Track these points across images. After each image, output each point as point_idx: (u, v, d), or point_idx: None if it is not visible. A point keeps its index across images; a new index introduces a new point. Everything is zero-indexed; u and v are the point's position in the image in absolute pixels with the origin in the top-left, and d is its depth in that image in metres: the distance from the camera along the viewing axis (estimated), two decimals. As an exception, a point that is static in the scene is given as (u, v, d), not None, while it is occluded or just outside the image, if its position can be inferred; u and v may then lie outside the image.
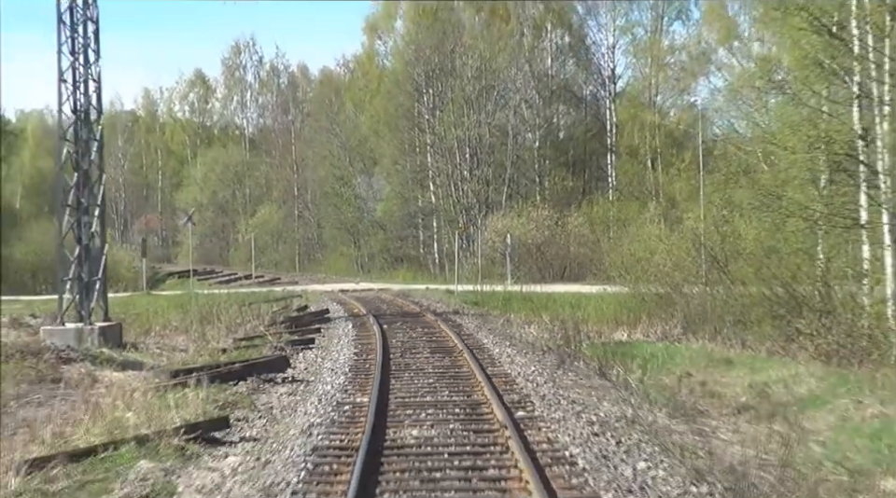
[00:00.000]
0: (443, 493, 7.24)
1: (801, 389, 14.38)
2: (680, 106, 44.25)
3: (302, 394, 12.27)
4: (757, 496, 7.23)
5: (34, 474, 8.17)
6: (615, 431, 9.57)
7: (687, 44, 47.89)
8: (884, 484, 9.11)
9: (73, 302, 21.43)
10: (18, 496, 7.68)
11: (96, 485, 7.84)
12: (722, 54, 39.72)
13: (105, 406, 10.58)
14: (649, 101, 48.57)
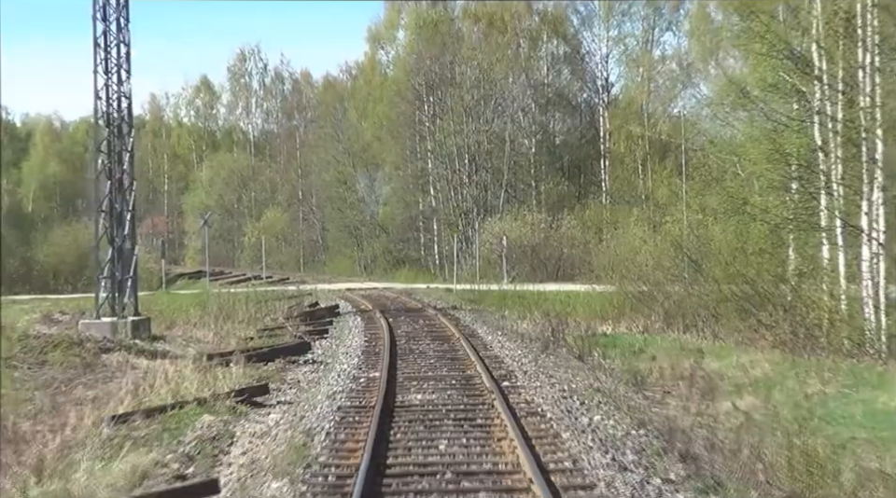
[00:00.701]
0: (442, 435, 9.50)
1: (756, 372, 16.57)
2: (670, 115, 46.43)
3: (323, 371, 14.56)
4: (679, 435, 9.46)
5: (119, 426, 10.42)
6: (581, 396, 11.83)
7: (675, 55, 50.18)
8: (804, 440, 11.34)
9: (107, 298, 23.66)
10: (110, 440, 9.92)
11: (172, 431, 10.10)
12: (705, 66, 41.93)
13: (165, 378, 12.84)
14: (640, 109, 50.74)
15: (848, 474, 8.02)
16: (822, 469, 7.95)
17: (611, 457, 8.46)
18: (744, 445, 9.15)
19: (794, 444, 8.81)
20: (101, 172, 24.13)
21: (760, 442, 9.21)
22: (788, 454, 8.29)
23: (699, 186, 28.12)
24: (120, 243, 23.95)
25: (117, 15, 23.71)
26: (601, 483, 7.56)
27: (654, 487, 7.56)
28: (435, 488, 7.50)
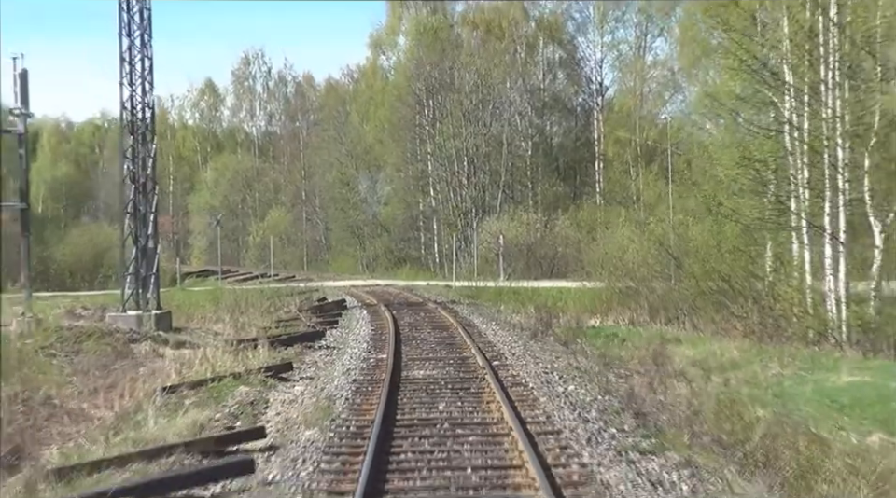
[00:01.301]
0: (441, 399, 11.49)
1: (725, 358, 18.51)
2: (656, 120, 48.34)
3: (337, 354, 16.56)
4: (637, 400, 11.44)
5: (170, 395, 12.40)
6: (560, 372, 13.84)
7: (667, 61, 52.14)
8: (751, 412, 13.27)
9: (132, 294, 25.61)
10: (165, 405, 11.90)
11: (216, 398, 12.09)
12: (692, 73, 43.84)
13: (203, 358, 14.84)
14: (630, 114, 52.72)
15: (762, 425, 10.01)
16: (742, 421, 9.94)
17: (577, 414, 10.46)
18: (688, 408, 11.13)
19: (725, 405, 10.80)
20: (126, 177, 26.10)
21: (701, 407, 11.19)
22: (717, 410, 10.27)
23: (681, 189, 30.14)
24: (144, 243, 25.93)
25: (141, 32, 25.67)
26: (566, 430, 9.56)
27: (609, 434, 9.55)
28: (435, 434, 9.49)
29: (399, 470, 8.02)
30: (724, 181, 24.27)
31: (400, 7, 62.95)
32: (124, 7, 25.38)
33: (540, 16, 60.14)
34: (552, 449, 8.74)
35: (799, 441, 10.03)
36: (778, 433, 10.16)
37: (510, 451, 8.63)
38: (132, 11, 25.48)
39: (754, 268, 23.23)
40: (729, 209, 23.12)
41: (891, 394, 13.61)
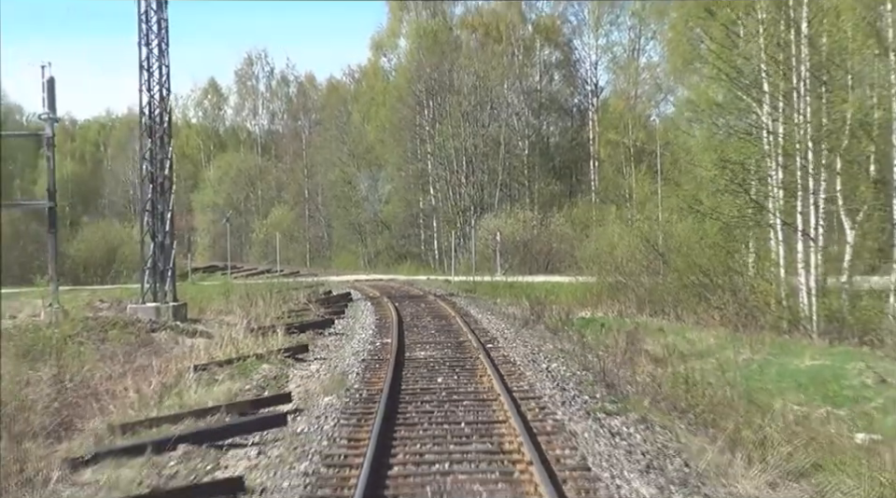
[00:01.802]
0: (439, 374, 13.22)
1: (702, 345, 20.21)
2: (645, 122, 50.05)
3: (346, 339, 18.30)
4: (610, 375, 13.16)
5: (201, 372, 14.12)
6: (545, 354, 15.57)
7: (658, 63, 53.80)
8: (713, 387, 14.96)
9: (150, 287, 27.35)
10: (199, 379, 13.62)
11: (242, 374, 13.81)
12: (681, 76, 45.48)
13: (226, 341, 16.57)
14: (622, 115, 54.40)
15: (716, 395, 11.74)
16: (701, 393, 11.69)
17: (556, 385, 12.20)
18: (653, 382, 12.86)
19: (689, 381, 12.53)
20: (145, 177, 27.84)
21: (664, 381, 12.93)
22: (677, 384, 12.01)
23: (669, 188, 31.86)
24: (162, 239, 27.68)
25: (159, 41, 27.41)
26: (545, 397, 11.30)
27: (582, 400, 11.27)
28: (435, 399, 11.22)
29: (406, 424, 9.75)
30: (705, 181, 26.02)
31: (401, 11, 64.69)
32: (143, 19, 27.16)
33: (537, 19, 61.92)
34: (532, 409, 10.49)
35: (746, 408, 11.78)
36: (732, 403, 11.90)
37: (497, 411, 10.37)
38: (150, 23, 27.26)
39: (732, 262, 24.93)
40: (709, 207, 24.85)
41: (845, 374, 15.33)
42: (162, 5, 27.27)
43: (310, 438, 9.21)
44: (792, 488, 7.62)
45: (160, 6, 27.25)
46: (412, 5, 63.69)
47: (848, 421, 12.24)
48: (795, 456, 8.49)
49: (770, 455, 8.43)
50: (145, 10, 27.08)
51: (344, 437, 9.22)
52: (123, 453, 8.65)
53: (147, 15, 27.14)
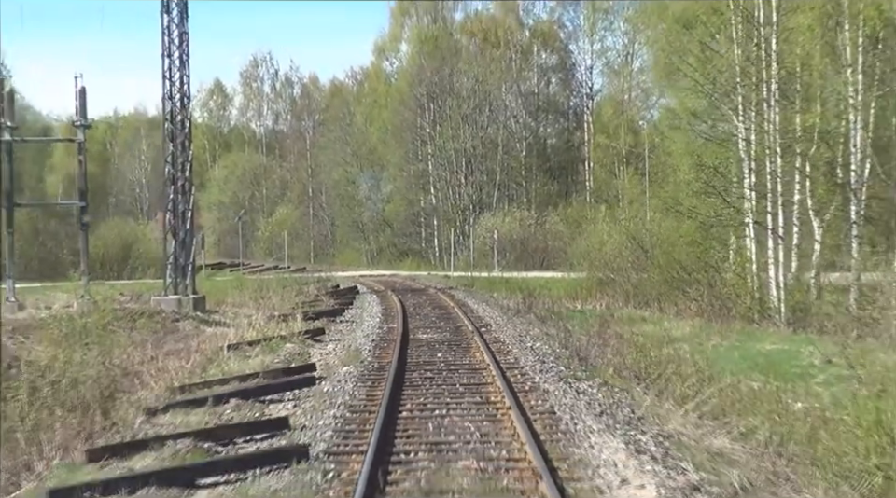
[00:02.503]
0: (439, 351, 15.50)
1: (677, 333, 22.41)
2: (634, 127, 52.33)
3: (357, 324, 20.60)
4: (583, 352, 15.41)
5: (234, 350, 16.39)
6: (532, 336, 17.85)
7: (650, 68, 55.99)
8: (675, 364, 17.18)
9: (172, 280, 29.56)
10: (233, 356, 15.87)
11: (270, 350, 16.07)
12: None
13: (251, 326, 18.84)
14: (611, 119, 56.68)
15: (672, 366, 14.00)
16: (650, 360, 13.95)
17: (537, 358, 14.48)
18: (620, 359, 15.13)
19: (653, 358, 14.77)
20: (167, 179, 30.09)
21: (627, 356, 15.19)
22: (635, 357, 14.29)
23: (654, 189, 34.12)
24: (183, 236, 29.92)
25: (180, 54, 29.63)
26: (527, 367, 13.58)
27: (557, 370, 13.53)
28: (435, 369, 13.49)
29: (411, 385, 12.03)
30: (683, 183, 28.31)
31: (402, 16, 66.98)
32: (165, 32, 29.38)
33: (534, 24, 64.18)
34: (515, 375, 12.76)
35: (697, 378, 14.02)
36: (685, 374, 14.14)
37: (486, 376, 12.65)
38: (172, 35, 29.49)
39: (708, 258, 27.18)
40: (687, 208, 27.12)
41: (798, 357, 17.57)
42: (184, 19, 29.49)
43: (335, 395, 11.48)
44: (708, 424, 9.88)
45: (181, 20, 29.47)
46: (413, 11, 65.98)
47: (791, 392, 14.49)
48: (726, 410, 10.74)
49: (702, 408, 10.69)
50: (167, 24, 29.29)
51: (362, 394, 11.49)
52: (188, 405, 10.92)
53: (169, 28, 29.36)
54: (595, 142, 55.08)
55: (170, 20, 29.25)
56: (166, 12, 29.10)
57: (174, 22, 29.34)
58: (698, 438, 9.12)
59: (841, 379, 14.90)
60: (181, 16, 29.46)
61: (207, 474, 7.84)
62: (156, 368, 16.52)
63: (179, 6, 29.39)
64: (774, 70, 24.48)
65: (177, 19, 29.37)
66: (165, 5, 29.02)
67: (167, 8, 29.11)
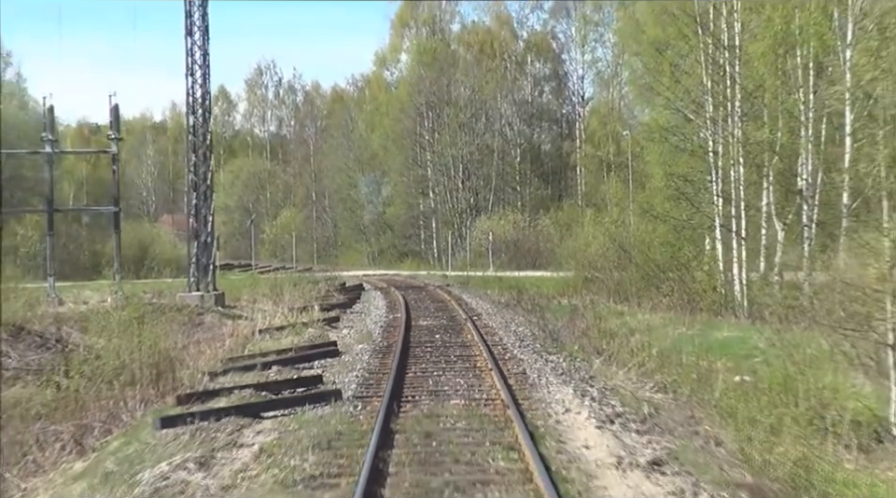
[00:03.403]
0: (437, 334, 18.57)
1: (650, 323, 25.42)
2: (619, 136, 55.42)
3: (366, 314, 23.68)
4: (558, 334, 18.46)
5: (264, 334, 19.43)
6: (516, 323, 20.93)
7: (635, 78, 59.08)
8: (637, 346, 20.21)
9: (196, 278, 32.56)
10: (264, 337, 18.91)
11: (296, 334, 19.10)
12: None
13: (276, 315, 21.89)
14: (600, 127, 59.80)
15: (625, 344, 17.06)
16: (614, 338, 17.01)
17: (518, 339, 17.56)
18: (586, 339, 18.20)
19: (606, 334, 17.81)
20: (190, 186, 33.15)
21: (594, 337, 18.25)
22: (600, 337, 17.35)
23: (635, 195, 37.21)
24: (204, 238, 32.97)
25: (202, 72, 32.69)
26: (509, 344, 16.66)
27: (533, 347, 16.59)
28: (434, 346, 16.57)
29: (414, 357, 15.09)
30: (656, 190, 31.39)
31: (402, 28, 70.10)
32: (189, 53, 32.43)
33: (529, 36, 67.31)
34: (498, 350, 15.84)
35: (648, 353, 17.04)
36: (637, 351, 17.19)
37: (474, 350, 15.73)
38: (194, 55, 32.53)
39: (679, 257, 30.21)
40: (660, 212, 30.16)
41: (747, 341, 20.52)
42: (206, 41, 32.53)
43: (354, 363, 14.55)
44: (641, 380, 12.93)
45: (203, 41, 32.51)
46: (413, 23, 69.14)
47: (734, 368, 17.50)
48: (656, 372, 13.79)
49: (640, 370, 13.75)
50: (190, 46, 32.34)
51: (376, 362, 14.57)
52: (240, 370, 13.96)
53: (192, 50, 32.41)
54: (584, 150, 58.20)
55: (193, 41, 32.31)
56: (189, 34, 32.16)
57: (196, 44, 32.38)
58: (631, 389, 12.19)
59: (777, 358, 17.90)
60: (203, 38, 32.52)
61: (269, 409, 10.90)
62: (198, 350, 19.56)
63: (201, 30, 32.44)
64: (737, 90, 27.51)
65: (200, 41, 32.42)
66: (188, 28, 32.07)
67: (190, 31, 32.17)
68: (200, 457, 8.70)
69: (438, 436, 9.02)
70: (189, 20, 32.13)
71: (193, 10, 32.06)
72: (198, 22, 32.23)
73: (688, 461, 8.30)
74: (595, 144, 56.39)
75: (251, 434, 9.80)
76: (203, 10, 32.26)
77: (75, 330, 23.94)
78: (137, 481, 8.20)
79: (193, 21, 32.16)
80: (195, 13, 32.13)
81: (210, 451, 8.96)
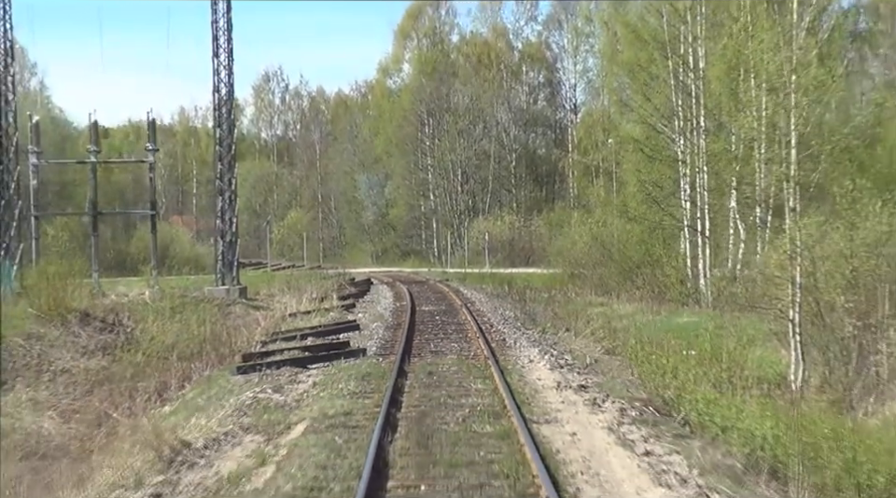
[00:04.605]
0: (438, 316, 22.58)
1: (622, 311, 29.40)
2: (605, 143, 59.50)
3: (376, 302, 27.73)
4: (536, 316, 22.42)
5: (294, 316, 23.41)
6: (504, 309, 24.96)
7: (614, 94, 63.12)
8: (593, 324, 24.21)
9: (222, 274, 36.53)
10: (293, 319, 22.89)
11: (320, 316, 23.09)
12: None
13: (301, 303, 25.91)
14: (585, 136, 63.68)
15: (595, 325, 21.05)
16: (579, 318, 21.00)
17: (503, 319, 21.60)
18: (559, 319, 22.19)
19: (573, 316, 21.79)
20: (217, 192, 37.16)
21: (564, 318, 22.23)
22: (570, 317, 21.36)
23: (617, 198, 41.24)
24: (229, 238, 36.95)
25: (227, 89, 36.69)
26: (495, 322, 20.69)
27: (514, 324, 20.58)
28: (434, 324, 20.57)
29: (419, 331, 19.11)
30: (631, 195, 35.38)
31: (404, 39, 74.10)
32: (216, 72, 36.43)
33: (524, 46, 71.22)
34: (486, 326, 19.86)
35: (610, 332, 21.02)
36: (597, 327, 21.18)
37: (466, 327, 19.74)
38: (220, 75, 36.53)
39: (651, 254, 34.15)
40: (636, 214, 34.11)
41: (700, 325, 24.41)
42: (231, 61, 36.49)
43: (372, 335, 18.57)
44: (592, 345, 16.92)
45: (229, 62, 36.49)
46: (414, 34, 73.15)
47: (686, 345, 21.43)
48: (605, 338, 17.77)
49: (593, 337, 17.73)
50: (217, 67, 36.32)
51: (389, 335, 18.59)
52: (284, 339, 17.97)
53: (219, 70, 36.39)
54: (572, 156, 62.19)
55: (219, 62, 36.31)
56: (215, 56, 36.17)
57: (222, 65, 36.41)
58: (582, 350, 16.19)
59: (719, 337, 21.75)
60: (229, 59, 36.53)
61: (313, 362, 14.90)
62: (241, 330, 23.52)
63: (226, 51, 36.43)
64: (700, 107, 31.47)
65: (225, 61, 36.46)
66: (215, 51, 36.07)
67: (216, 53, 36.17)
68: (273, 387, 12.71)
69: (437, 373, 13.05)
70: (215, 43, 36.12)
71: (219, 35, 36.05)
72: (223, 45, 36.22)
73: (606, 387, 12.29)
74: (582, 150, 60.35)
75: (304, 376, 13.79)
76: (227, 35, 36.24)
77: (125, 317, 27.90)
78: (230, 403, 12.14)
79: (219, 44, 36.13)
80: (220, 37, 36.14)
81: (278, 385, 12.95)
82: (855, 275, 16.16)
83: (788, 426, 10.59)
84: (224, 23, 36.02)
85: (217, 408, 11.58)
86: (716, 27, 30.93)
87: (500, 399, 10.79)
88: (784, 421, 10.92)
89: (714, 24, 30.75)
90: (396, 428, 9.36)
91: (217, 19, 35.68)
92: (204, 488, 7.46)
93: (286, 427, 9.76)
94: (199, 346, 20.90)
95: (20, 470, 12.68)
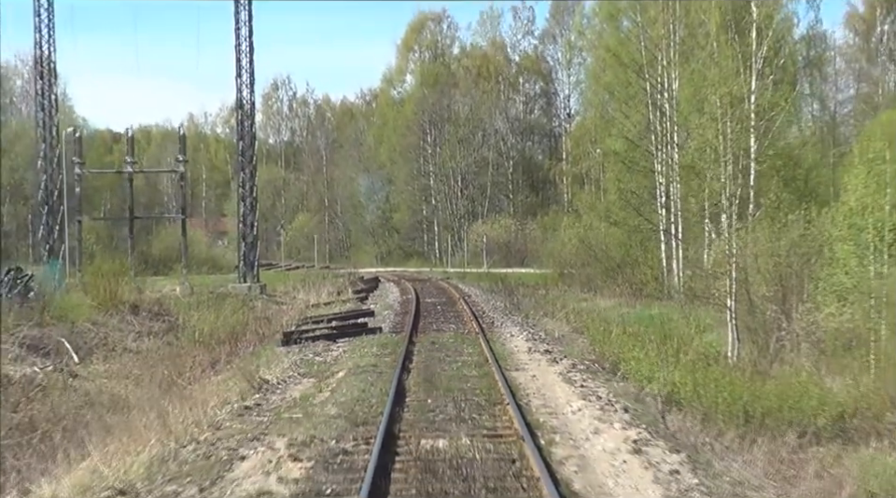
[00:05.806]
0: (440, 306, 26.57)
1: (602, 306, 33.38)
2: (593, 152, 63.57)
3: (385, 296, 31.71)
4: (521, 305, 26.36)
5: (317, 305, 27.38)
6: (495, 300, 28.97)
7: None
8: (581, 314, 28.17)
9: (243, 272, 40.52)
10: (318, 307, 26.86)
11: (339, 305, 27.06)
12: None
13: (321, 296, 29.88)
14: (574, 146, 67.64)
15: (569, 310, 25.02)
16: (560, 308, 24.98)
17: (494, 308, 25.61)
18: (543, 309, 26.14)
19: (554, 305, 25.75)
20: (239, 198, 41.14)
21: (544, 307, 26.19)
22: (550, 305, 25.34)
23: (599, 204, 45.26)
24: (250, 240, 40.94)
25: (250, 106, 40.72)
26: (488, 310, 24.72)
27: (504, 312, 24.57)
28: (436, 312, 24.57)
29: (424, 317, 23.10)
30: (612, 201, 39.37)
31: (407, 52, 78.16)
32: (239, 86, 40.44)
33: (521, 59, 75.22)
34: (479, 313, 23.85)
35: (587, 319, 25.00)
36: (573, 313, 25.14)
37: (463, 314, 23.72)
38: (243, 93, 40.54)
39: (630, 254, 38.10)
40: (617, 219, 38.09)
41: (667, 316, 28.37)
42: (253, 81, 40.50)
43: (384, 319, 22.56)
44: (564, 326, 20.88)
45: (250, 82, 40.51)
46: (416, 47, 77.26)
47: (654, 333, 25.36)
48: (575, 321, 21.74)
49: (565, 320, 21.69)
50: (240, 86, 40.34)
51: (399, 319, 22.59)
52: (312, 323, 21.94)
53: (242, 90, 40.42)
54: (563, 164, 66.27)
55: (242, 82, 40.34)
56: (238, 76, 40.19)
57: (245, 85, 40.44)
58: (554, 328, 20.18)
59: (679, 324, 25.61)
60: (251, 78, 40.54)
61: (341, 337, 18.90)
62: (271, 319, 27.44)
63: (248, 71, 40.45)
64: (672, 124, 35.41)
65: (248, 81, 40.48)
66: (238, 72, 40.09)
67: (238, 72, 40.20)
68: (314, 353, 16.70)
69: (438, 343, 17.08)
70: (238, 64, 40.19)
71: (242, 58, 40.07)
72: (246, 67, 40.27)
73: (567, 352, 16.27)
74: (574, 159, 64.39)
75: (335, 347, 17.78)
76: (249, 57, 40.24)
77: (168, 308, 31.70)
78: (285, 362, 16.10)
79: (242, 66, 40.21)
80: (243, 60, 40.17)
81: (317, 352, 16.95)
82: (777, 270, 20.11)
83: (694, 379, 14.58)
84: (246, 47, 40.01)
85: (277, 364, 15.56)
86: (685, 54, 34.97)
87: (485, 358, 14.78)
88: (694, 376, 14.91)
89: (683, 52, 34.77)
90: (409, 372, 13.36)
91: (239, 42, 39.71)
92: (287, 401, 11.45)
93: (331, 373, 13.74)
94: (241, 329, 24.83)
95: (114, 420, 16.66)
